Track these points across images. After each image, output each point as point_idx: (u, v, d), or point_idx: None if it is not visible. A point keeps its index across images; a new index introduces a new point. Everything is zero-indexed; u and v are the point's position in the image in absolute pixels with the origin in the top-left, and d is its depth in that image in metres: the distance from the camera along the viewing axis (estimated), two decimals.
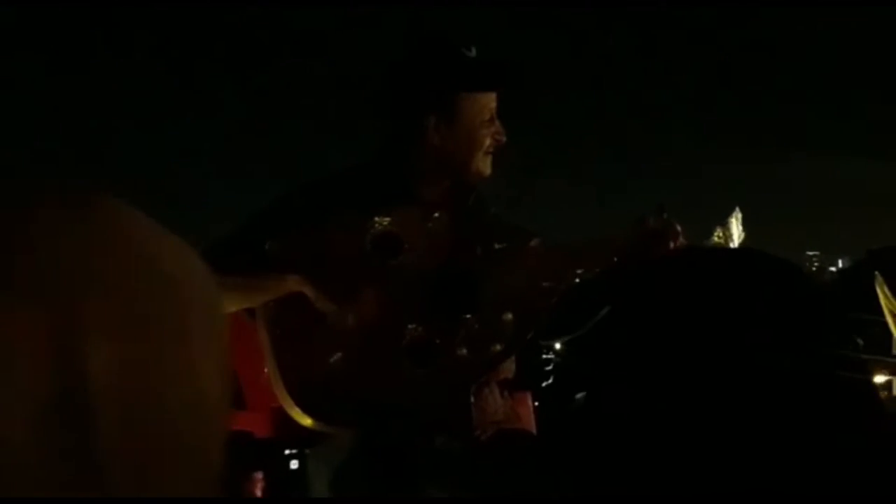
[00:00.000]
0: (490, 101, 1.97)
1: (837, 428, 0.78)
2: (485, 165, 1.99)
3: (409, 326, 1.90)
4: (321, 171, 2.23)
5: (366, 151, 2.12)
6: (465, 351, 1.90)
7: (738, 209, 2.12)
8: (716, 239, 2.14)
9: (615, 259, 1.96)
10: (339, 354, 1.88)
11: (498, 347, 1.93)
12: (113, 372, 0.44)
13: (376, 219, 1.94)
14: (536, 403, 2.27)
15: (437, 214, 2.00)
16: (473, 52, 1.98)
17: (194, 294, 0.49)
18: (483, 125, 1.96)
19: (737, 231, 2.05)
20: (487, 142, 1.97)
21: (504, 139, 1.99)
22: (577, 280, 2.00)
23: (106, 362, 0.44)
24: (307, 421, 1.88)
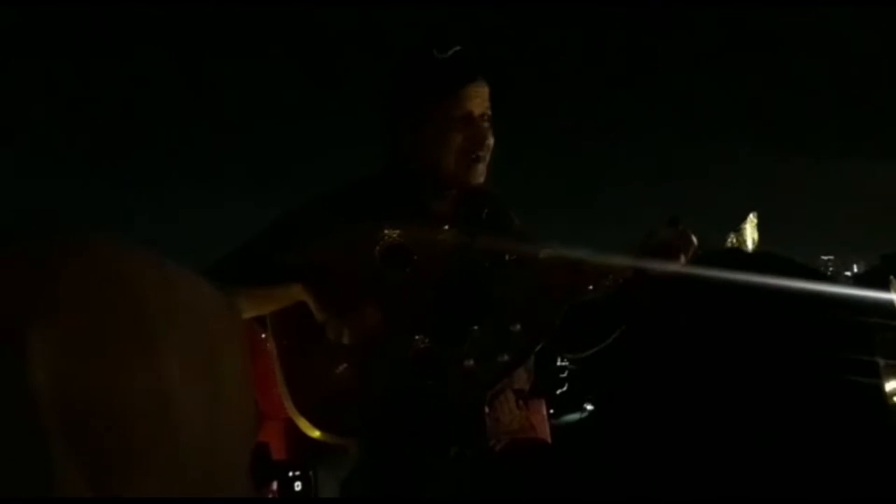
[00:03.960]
0: (461, 101, 1.92)
1: (844, 429, 0.80)
2: (465, 171, 1.95)
3: (416, 338, 1.89)
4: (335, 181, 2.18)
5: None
6: (472, 362, 1.88)
7: (752, 214, 2.10)
8: (729, 245, 2.12)
9: (627, 271, 1.94)
10: (344, 365, 1.88)
11: (506, 358, 1.91)
12: (62, 385, 0.48)
13: (385, 231, 1.93)
14: (551, 411, 2.26)
15: (446, 227, 1.99)
16: (448, 53, 1.94)
17: (174, 318, 0.54)
18: (453, 127, 1.92)
19: (751, 237, 2.03)
20: (458, 143, 1.93)
21: (483, 142, 1.94)
22: (590, 289, 1.99)
23: (53, 377, 0.48)
24: (315, 433, 1.87)
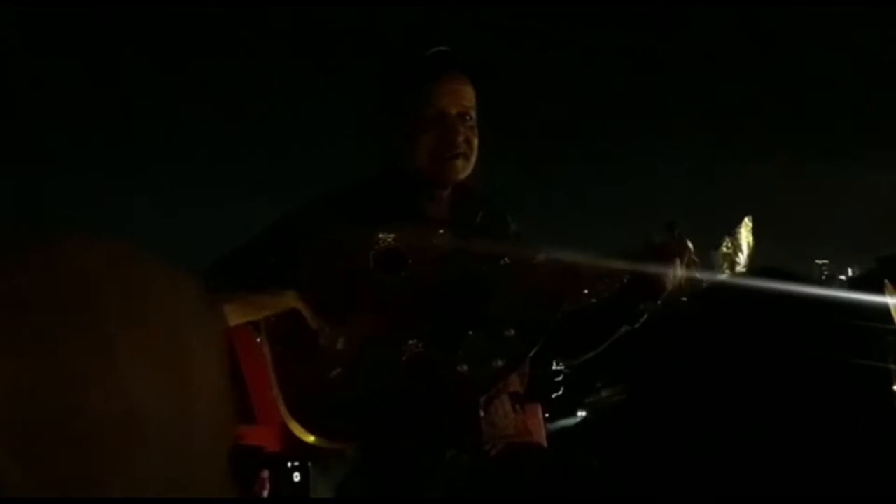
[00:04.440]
0: (432, 98, 1.92)
1: (855, 434, 0.81)
2: (441, 170, 1.95)
3: (410, 342, 1.88)
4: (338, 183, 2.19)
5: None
6: (465, 367, 1.88)
7: (748, 218, 2.10)
8: (724, 249, 2.12)
9: (623, 277, 1.94)
10: (338, 370, 1.87)
11: (499, 363, 1.91)
12: (12, 382, 0.47)
13: (381, 235, 1.93)
14: (547, 415, 2.26)
15: (441, 231, 1.98)
16: (427, 53, 1.94)
17: (139, 320, 0.52)
18: (426, 125, 1.92)
19: (746, 241, 2.03)
20: (431, 142, 1.92)
21: (455, 142, 1.93)
22: (585, 293, 1.99)
23: (5, 374, 0.47)
24: (309, 438, 1.86)
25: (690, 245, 1.95)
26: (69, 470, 0.47)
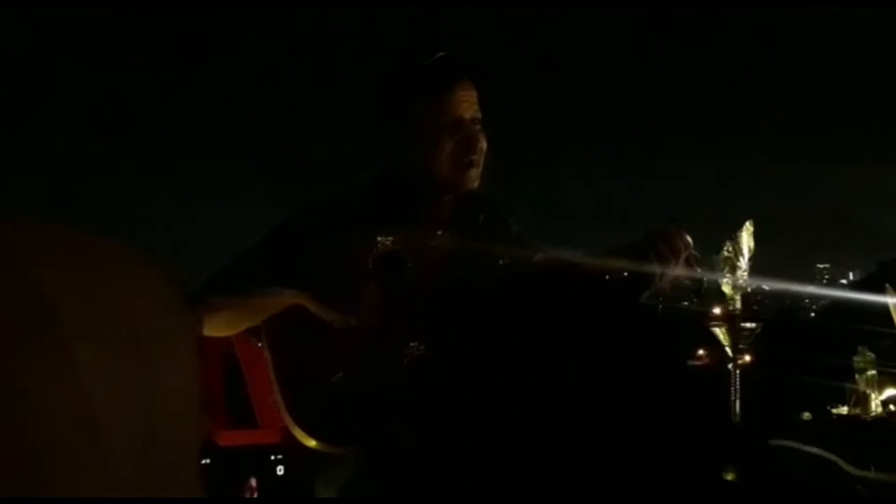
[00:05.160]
0: (449, 106, 1.92)
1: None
2: (459, 177, 1.95)
3: (411, 345, 1.88)
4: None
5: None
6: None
7: (749, 223, 2.10)
8: (725, 253, 2.13)
9: (623, 272, 1.94)
10: (340, 374, 1.87)
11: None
12: None
13: (379, 238, 1.93)
14: None
15: (440, 233, 1.99)
16: (432, 58, 1.94)
17: (93, 318, 0.50)
18: (443, 132, 1.92)
19: (747, 245, 2.04)
20: (450, 148, 1.92)
21: (475, 147, 1.93)
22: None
23: None
24: (311, 442, 1.87)
25: (689, 239, 1.94)
26: (24, 471, 0.46)
